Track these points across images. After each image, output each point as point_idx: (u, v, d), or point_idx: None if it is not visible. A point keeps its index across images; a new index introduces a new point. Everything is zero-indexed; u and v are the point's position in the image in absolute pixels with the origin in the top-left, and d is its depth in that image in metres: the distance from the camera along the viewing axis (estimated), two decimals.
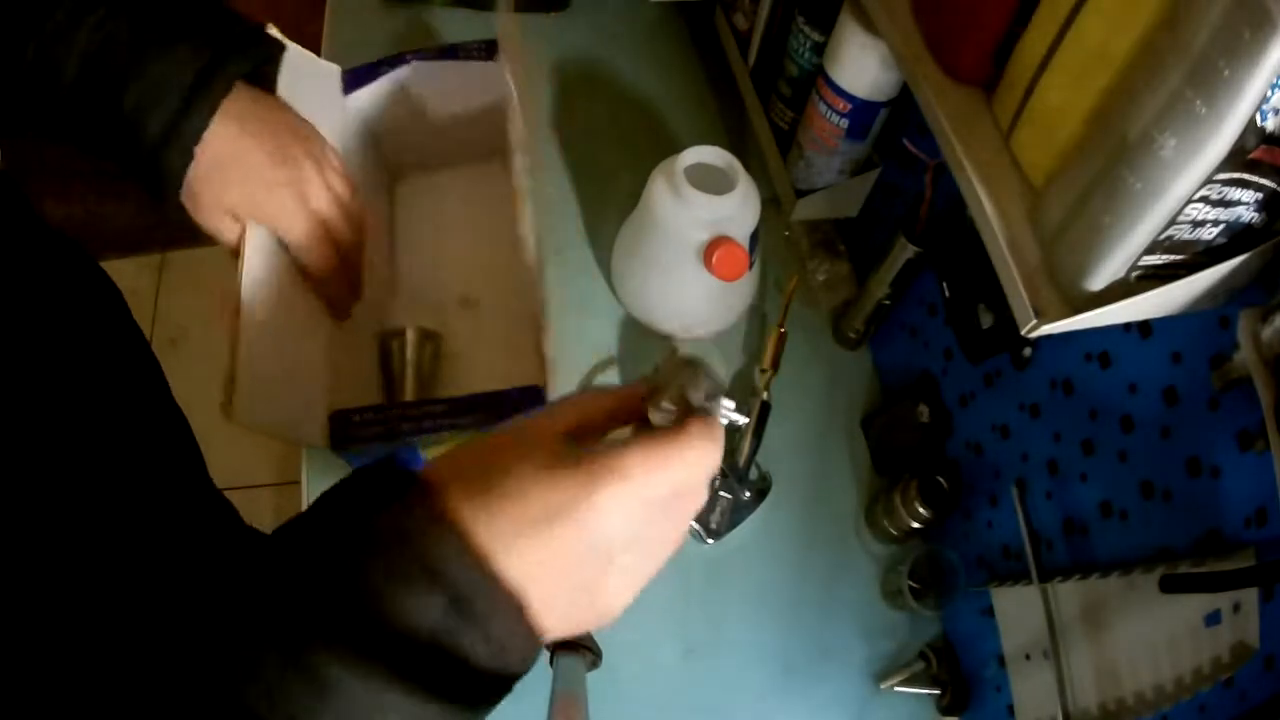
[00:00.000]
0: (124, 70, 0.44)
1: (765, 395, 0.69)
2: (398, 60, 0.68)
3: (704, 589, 0.69)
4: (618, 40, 0.96)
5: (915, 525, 0.66)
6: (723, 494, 0.70)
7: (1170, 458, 0.45)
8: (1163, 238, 0.36)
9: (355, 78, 0.67)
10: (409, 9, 0.95)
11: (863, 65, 0.63)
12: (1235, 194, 0.34)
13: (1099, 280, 0.38)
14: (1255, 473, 0.40)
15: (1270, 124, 0.31)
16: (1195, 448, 0.44)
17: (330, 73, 0.65)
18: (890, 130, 0.70)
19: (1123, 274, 0.38)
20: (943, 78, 0.49)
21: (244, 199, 0.49)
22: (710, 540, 0.69)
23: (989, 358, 0.61)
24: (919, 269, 0.67)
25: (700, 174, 0.66)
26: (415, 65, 0.68)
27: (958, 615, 0.67)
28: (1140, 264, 0.37)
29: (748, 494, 0.70)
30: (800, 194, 0.75)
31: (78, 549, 0.42)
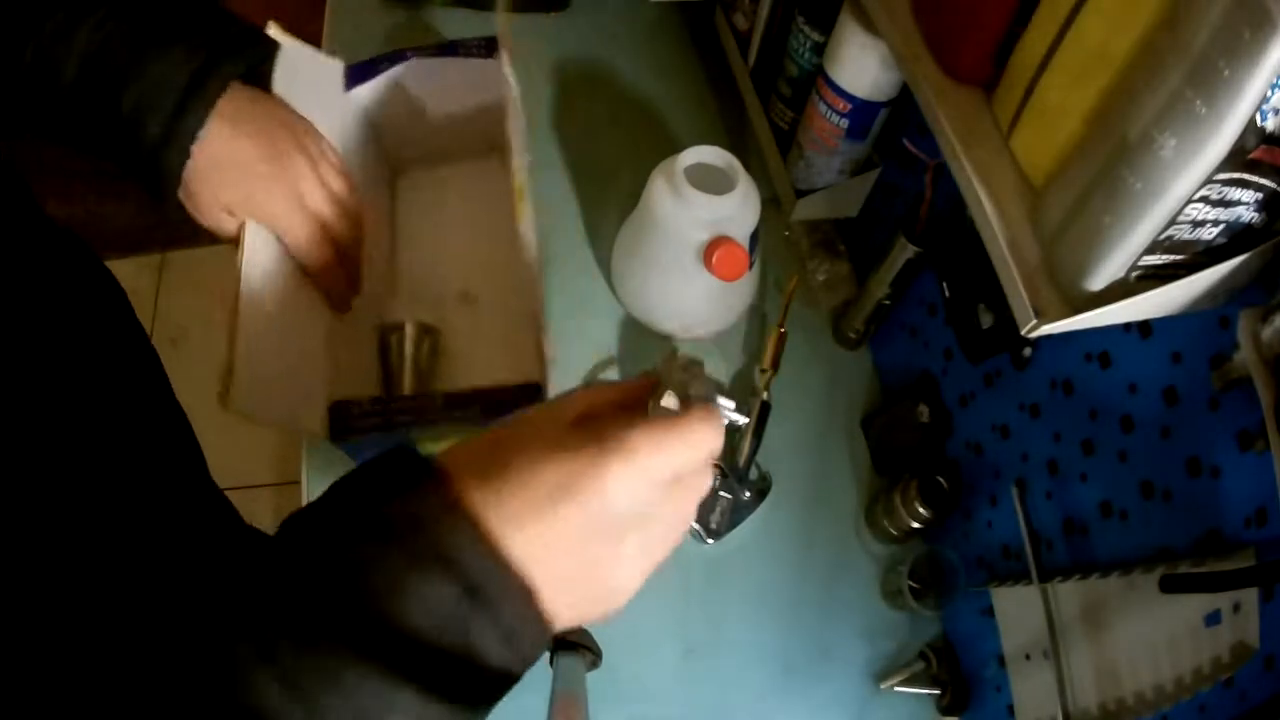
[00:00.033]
0: (123, 71, 0.44)
1: (765, 395, 0.69)
2: (399, 56, 0.68)
3: (704, 589, 0.69)
4: (618, 40, 0.96)
5: (915, 525, 0.66)
6: (723, 494, 0.70)
7: (1170, 458, 0.45)
8: (1163, 238, 0.36)
9: (357, 73, 0.67)
10: (408, 8, 0.95)
11: (863, 65, 0.63)
12: (1235, 194, 0.34)
13: (1099, 280, 0.38)
14: (1255, 473, 0.40)
15: (1270, 124, 0.31)
16: (1195, 448, 0.44)
17: (333, 68, 0.65)
18: (890, 130, 0.70)
19: (1123, 274, 0.38)
20: (943, 78, 0.49)
21: (240, 198, 0.50)
22: (710, 540, 0.69)
23: (989, 358, 0.61)
24: (919, 269, 0.67)
25: (700, 174, 0.66)
26: (416, 61, 0.68)
27: (958, 615, 0.67)
28: (1140, 264, 0.37)
29: (748, 494, 0.70)
30: (800, 194, 0.75)
31: (80, 545, 0.42)
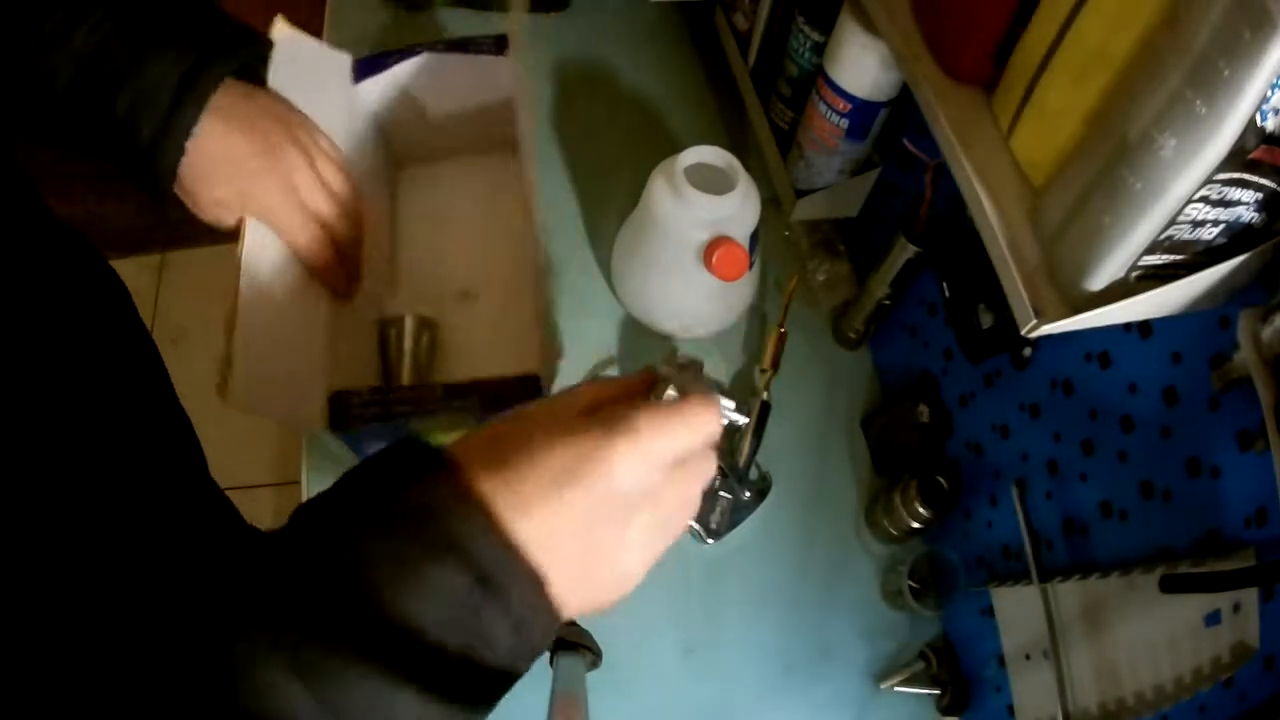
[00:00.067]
0: (119, 73, 0.44)
1: (765, 395, 0.69)
2: (408, 52, 0.68)
3: (704, 589, 0.69)
4: (618, 40, 0.96)
5: (915, 525, 0.66)
6: (723, 494, 0.70)
7: (1170, 458, 0.45)
8: (1163, 238, 0.36)
9: (366, 67, 0.67)
10: (408, 8, 0.95)
11: (863, 65, 0.63)
12: (1235, 194, 0.34)
13: (1099, 280, 0.38)
14: (1255, 473, 0.40)
15: (1270, 124, 0.31)
16: (1195, 448, 0.44)
17: (340, 61, 0.65)
18: (890, 130, 0.70)
19: (1123, 274, 0.38)
20: (943, 78, 0.49)
21: (235, 195, 0.50)
22: (710, 540, 0.69)
23: (989, 358, 0.61)
24: (919, 269, 0.67)
25: (700, 174, 0.66)
26: (426, 58, 0.68)
27: (958, 615, 0.67)
28: (1140, 264, 0.37)
29: (748, 494, 0.70)
30: (800, 194, 0.75)
31: (80, 543, 0.42)
